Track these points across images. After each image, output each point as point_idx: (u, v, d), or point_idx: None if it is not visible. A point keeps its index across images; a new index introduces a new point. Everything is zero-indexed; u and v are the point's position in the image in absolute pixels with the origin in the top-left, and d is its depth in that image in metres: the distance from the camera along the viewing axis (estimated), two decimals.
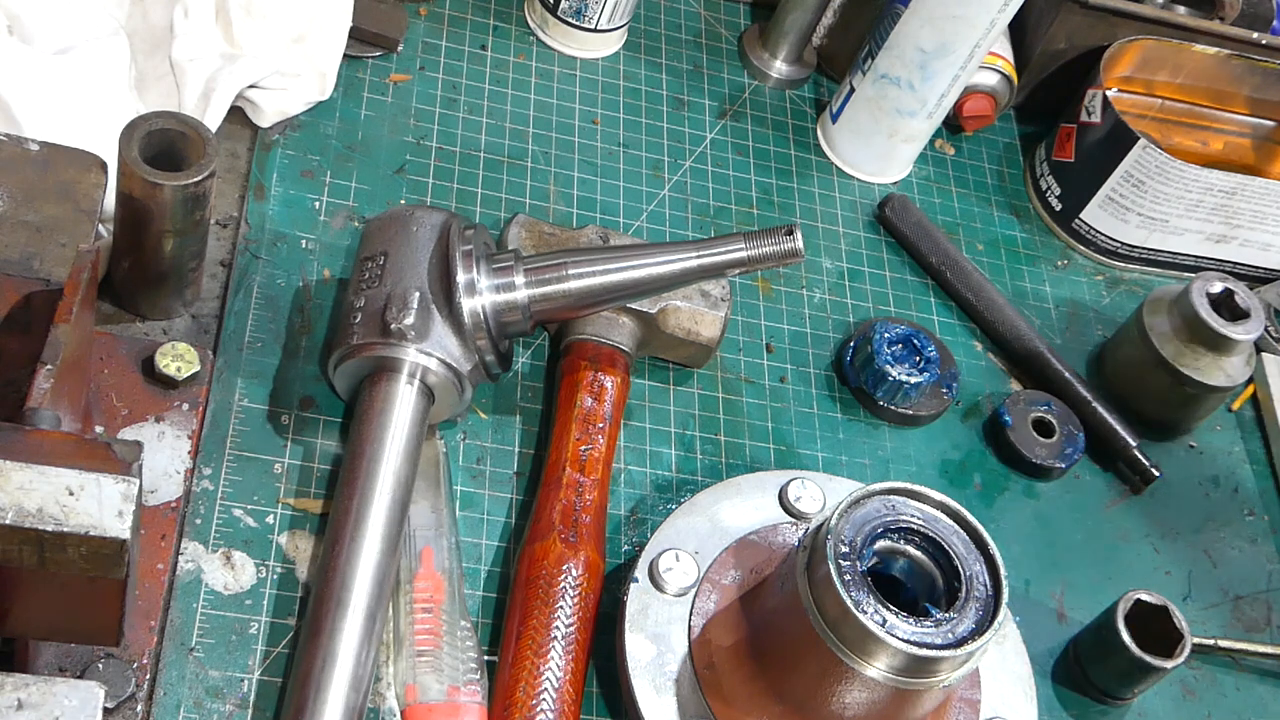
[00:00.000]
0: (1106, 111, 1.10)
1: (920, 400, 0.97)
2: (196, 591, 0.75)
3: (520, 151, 1.04)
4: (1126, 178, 1.10)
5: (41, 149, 0.77)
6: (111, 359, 0.79)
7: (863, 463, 0.95)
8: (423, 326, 0.79)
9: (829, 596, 0.69)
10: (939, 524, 0.73)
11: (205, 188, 0.76)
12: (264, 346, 0.86)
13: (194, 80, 0.90)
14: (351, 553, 0.74)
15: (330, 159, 0.97)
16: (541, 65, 1.10)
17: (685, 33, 1.18)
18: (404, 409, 0.79)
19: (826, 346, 1.01)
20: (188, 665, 0.73)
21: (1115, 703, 0.88)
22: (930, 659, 0.68)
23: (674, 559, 0.80)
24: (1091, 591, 0.93)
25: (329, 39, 0.97)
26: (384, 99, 1.02)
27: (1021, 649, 0.84)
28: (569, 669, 0.75)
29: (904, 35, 1.04)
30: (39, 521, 0.51)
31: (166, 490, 0.76)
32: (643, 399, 0.93)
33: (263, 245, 0.90)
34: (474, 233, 0.82)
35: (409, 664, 0.75)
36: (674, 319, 0.90)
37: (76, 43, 0.86)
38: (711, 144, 1.11)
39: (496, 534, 0.84)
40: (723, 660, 0.76)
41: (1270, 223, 1.13)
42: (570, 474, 0.83)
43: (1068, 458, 0.98)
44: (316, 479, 0.82)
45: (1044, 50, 1.17)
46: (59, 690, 0.52)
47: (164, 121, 0.76)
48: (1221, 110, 1.23)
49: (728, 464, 0.92)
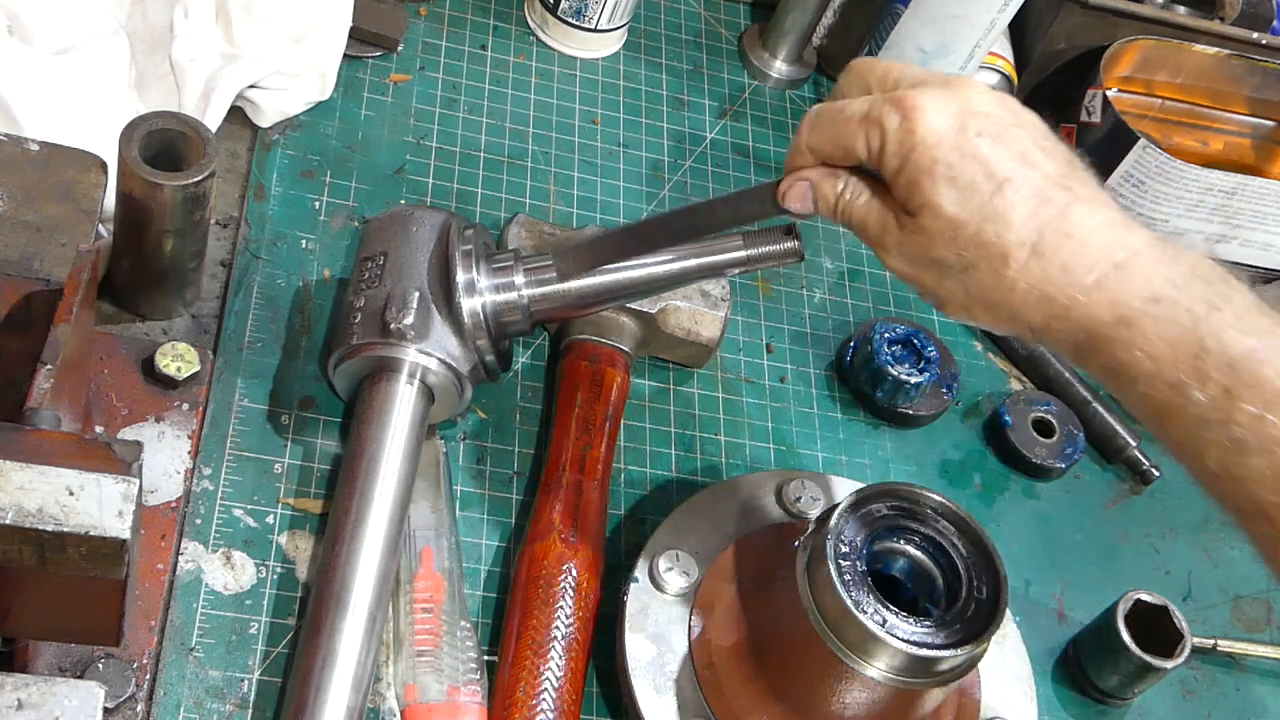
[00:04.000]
0: (1106, 111, 1.10)
1: (920, 400, 0.97)
2: (196, 591, 0.75)
3: (520, 151, 1.04)
4: (1126, 178, 1.10)
5: (41, 149, 0.77)
6: (111, 359, 0.79)
7: (863, 463, 0.95)
8: (422, 326, 0.79)
9: (829, 596, 0.69)
10: (939, 524, 0.73)
11: (205, 188, 0.76)
12: (264, 346, 0.86)
13: (194, 80, 0.90)
14: (351, 553, 0.74)
15: (330, 159, 0.97)
16: (541, 65, 1.10)
17: (685, 33, 1.18)
18: (404, 409, 0.79)
19: (826, 346, 1.01)
20: (188, 665, 0.73)
21: (1115, 703, 0.88)
22: (930, 659, 0.68)
23: (674, 559, 0.80)
24: (1091, 591, 0.93)
25: (329, 39, 0.97)
26: (384, 99, 1.02)
27: (1021, 649, 0.84)
28: (569, 669, 0.75)
29: (904, 35, 1.04)
30: (39, 521, 0.51)
31: (166, 490, 0.76)
32: (643, 399, 0.93)
33: (263, 245, 0.90)
34: (474, 233, 0.82)
35: (409, 664, 0.75)
36: (674, 319, 0.90)
37: (76, 43, 0.86)
38: (711, 144, 1.11)
39: (496, 534, 0.84)
40: (723, 660, 0.76)
41: (1270, 223, 1.13)
42: (570, 474, 0.83)
43: (1068, 458, 0.98)
44: (316, 479, 0.82)
45: (1044, 50, 1.17)
46: (59, 690, 0.52)
47: (164, 121, 0.76)
48: (1221, 110, 1.23)
49: (728, 464, 0.92)
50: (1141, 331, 0.60)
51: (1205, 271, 0.61)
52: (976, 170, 0.62)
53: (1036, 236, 0.61)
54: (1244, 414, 0.57)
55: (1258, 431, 0.57)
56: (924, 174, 0.63)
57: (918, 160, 0.63)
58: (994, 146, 0.63)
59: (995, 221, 0.62)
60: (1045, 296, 0.62)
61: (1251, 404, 0.57)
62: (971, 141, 0.63)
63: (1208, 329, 0.58)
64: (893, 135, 0.64)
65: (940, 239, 0.64)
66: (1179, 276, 0.60)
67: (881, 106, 0.65)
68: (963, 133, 0.63)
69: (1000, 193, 0.62)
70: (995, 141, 0.63)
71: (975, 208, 0.62)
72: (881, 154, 0.65)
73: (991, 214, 0.62)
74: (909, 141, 0.63)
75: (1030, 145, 0.64)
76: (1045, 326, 0.63)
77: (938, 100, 0.64)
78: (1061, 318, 0.62)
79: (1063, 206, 0.62)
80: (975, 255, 0.63)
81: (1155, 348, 0.59)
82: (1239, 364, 0.57)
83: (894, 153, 0.64)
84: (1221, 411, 0.57)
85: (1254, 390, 0.57)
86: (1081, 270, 0.61)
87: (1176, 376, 0.59)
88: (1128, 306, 0.60)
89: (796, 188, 0.69)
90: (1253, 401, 0.57)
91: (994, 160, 0.62)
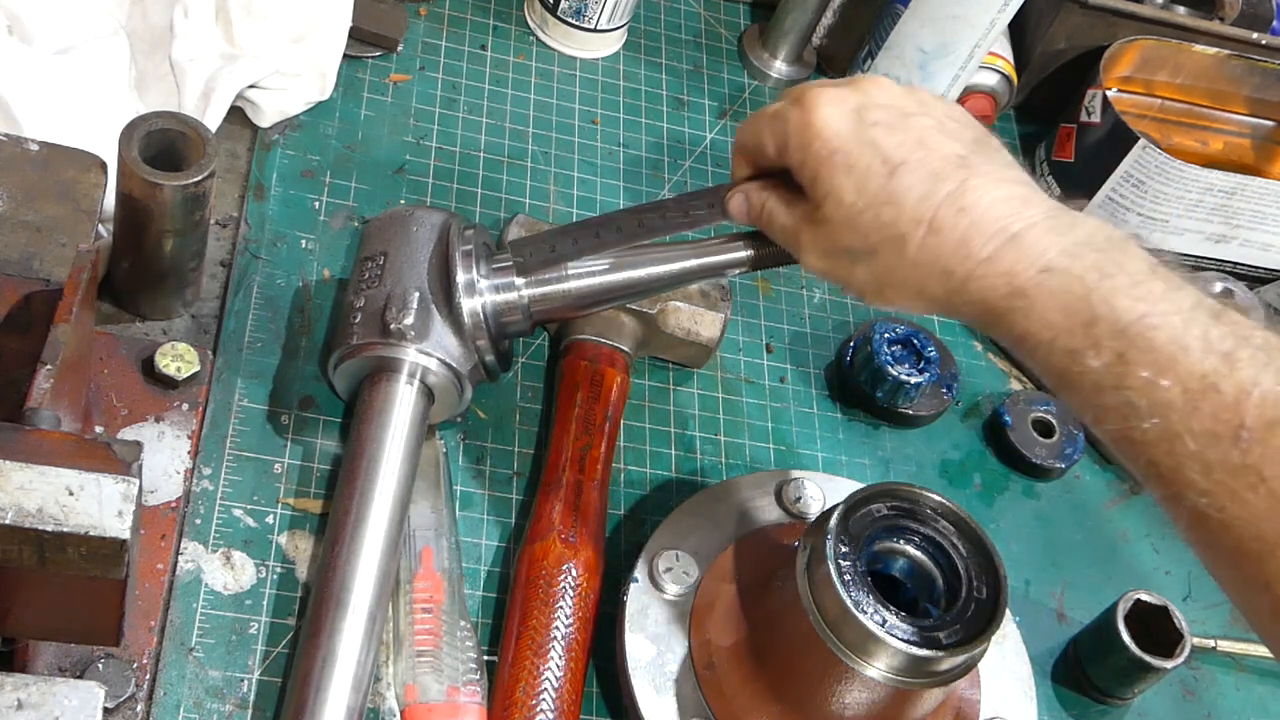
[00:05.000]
0: (1106, 111, 1.10)
1: (920, 400, 0.97)
2: (196, 591, 0.75)
3: (520, 151, 1.04)
4: (1126, 178, 1.10)
5: (41, 149, 0.77)
6: (111, 359, 0.79)
7: (863, 463, 0.95)
8: (422, 326, 0.79)
9: (829, 596, 0.69)
10: (939, 524, 0.73)
11: (205, 188, 0.76)
12: (264, 346, 0.86)
13: (194, 80, 0.90)
14: (351, 553, 0.74)
15: (330, 159, 0.97)
16: (541, 65, 1.10)
17: (685, 33, 1.18)
18: (404, 409, 0.79)
19: (826, 346, 1.01)
20: (188, 665, 0.73)
21: (1115, 703, 0.88)
22: (930, 659, 0.68)
23: (674, 559, 0.80)
24: (1091, 591, 0.93)
25: (329, 39, 0.97)
26: (384, 99, 1.02)
27: (1021, 649, 0.84)
28: (569, 669, 0.75)
29: (904, 35, 1.04)
30: (39, 521, 0.51)
31: (166, 490, 0.76)
32: (643, 399, 0.93)
33: (263, 245, 0.90)
34: (474, 233, 0.82)
35: (409, 664, 0.75)
36: (674, 319, 0.90)
37: (76, 43, 0.86)
38: (711, 144, 1.11)
39: (496, 534, 0.84)
40: (723, 660, 0.76)
41: (1270, 223, 1.13)
42: (570, 474, 0.83)
43: (1068, 458, 0.98)
44: (316, 479, 0.82)
45: (1044, 50, 1.17)
46: (59, 690, 0.52)
47: (164, 121, 0.76)
48: (1221, 110, 1.23)
49: (728, 464, 0.92)
50: (1036, 301, 0.61)
51: (1100, 240, 0.62)
52: (873, 157, 0.65)
53: (932, 215, 0.63)
54: (1136, 379, 0.58)
55: (1150, 396, 0.58)
56: (823, 164, 0.66)
57: (818, 151, 0.66)
58: (889, 134, 0.65)
59: (892, 204, 0.64)
60: (945, 271, 0.64)
61: (1143, 369, 0.58)
62: (868, 131, 0.66)
63: (1099, 296, 0.59)
64: (794, 130, 0.67)
65: (844, 227, 0.66)
66: (1072, 245, 0.61)
67: (786, 105, 0.69)
68: (860, 124, 0.66)
69: (895, 176, 0.64)
70: (891, 129, 0.66)
71: (873, 193, 0.65)
72: (786, 149, 0.68)
73: (888, 197, 0.64)
74: (808, 135, 0.67)
75: (931, 130, 0.66)
76: (949, 301, 0.65)
77: (835, 95, 0.67)
78: (961, 291, 0.64)
79: (959, 184, 0.63)
80: (877, 238, 0.65)
81: (1050, 316, 0.61)
82: (1130, 330, 0.58)
83: (796, 146, 0.68)
84: (1116, 377, 0.59)
85: (1145, 355, 0.58)
86: (977, 244, 0.63)
87: (1072, 344, 0.60)
88: (1022, 277, 0.62)
89: (734, 198, 0.74)
90: (1144, 366, 0.58)
91: (888, 146, 0.65)
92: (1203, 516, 0.57)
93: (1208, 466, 0.56)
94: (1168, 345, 0.58)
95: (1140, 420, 0.58)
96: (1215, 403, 0.56)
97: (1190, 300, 0.59)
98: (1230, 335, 0.58)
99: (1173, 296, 0.59)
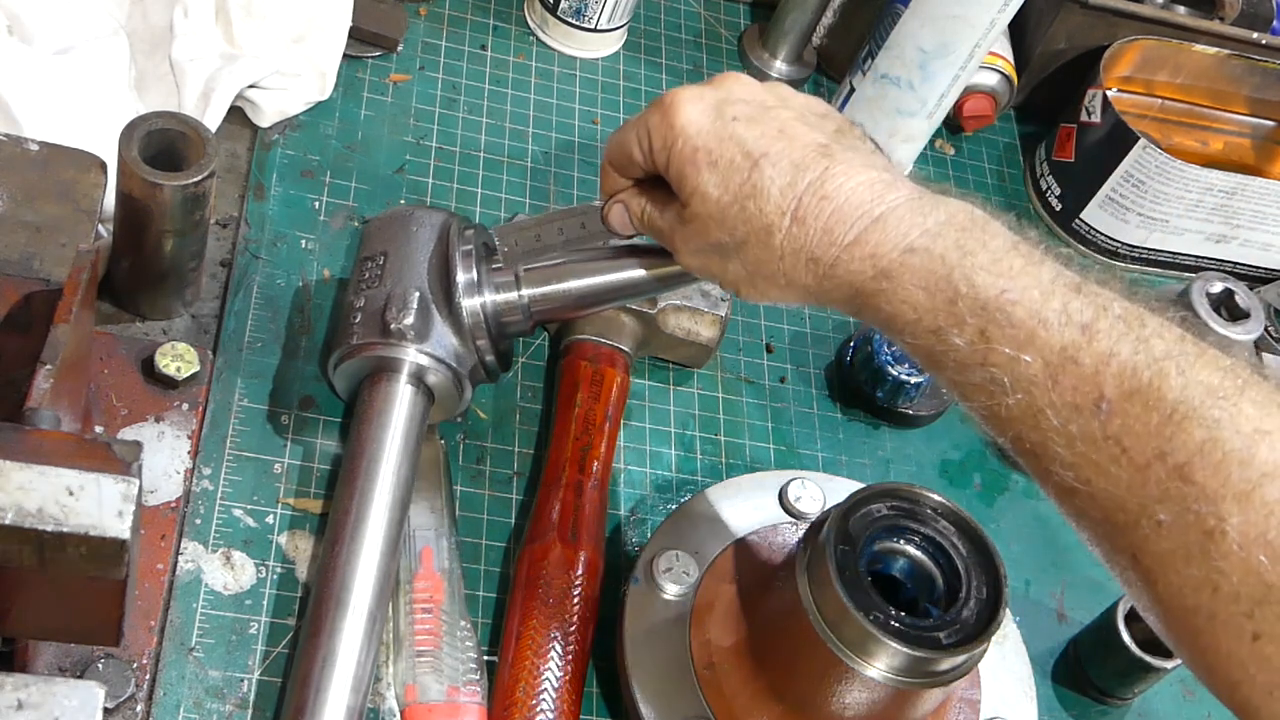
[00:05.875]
0: (1106, 111, 1.10)
1: (920, 400, 0.97)
2: (196, 591, 0.75)
3: (520, 151, 1.04)
4: (1126, 178, 1.10)
5: (41, 149, 0.77)
6: (111, 359, 0.79)
7: (863, 463, 0.95)
8: (423, 326, 0.79)
9: (829, 596, 0.69)
10: (939, 524, 0.73)
11: (205, 188, 0.76)
12: (264, 346, 0.86)
13: (194, 80, 0.90)
14: (351, 553, 0.74)
15: (330, 159, 0.97)
16: (541, 65, 1.10)
17: (685, 33, 1.18)
18: (404, 409, 0.79)
19: (826, 346, 1.01)
20: (188, 665, 0.73)
21: (1115, 703, 0.88)
22: (930, 659, 0.68)
23: (674, 559, 0.80)
24: (1091, 591, 0.93)
25: (329, 39, 0.97)
26: (384, 99, 1.02)
27: (1021, 649, 0.84)
28: (569, 669, 0.75)
29: (904, 35, 1.04)
30: (39, 521, 0.51)
31: (166, 490, 0.76)
32: (643, 399, 0.93)
33: (263, 245, 0.90)
34: (474, 233, 0.82)
35: (409, 664, 0.75)
36: (674, 319, 0.90)
37: (76, 43, 0.86)
38: None
39: (496, 534, 0.84)
40: (723, 660, 0.76)
41: (1270, 223, 1.13)
42: (570, 474, 0.83)
43: None
44: (316, 479, 0.82)
45: (1044, 50, 1.17)
46: (59, 690, 0.52)
47: (164, 121, 0.76)
48: (1221, 110, 1.23)
49: (728, 464, 0.92)
50: (900, 282, 0.61)
51: (963, 219, 0.62)
52: (735, 151, 0.65)
53: (795, 204, 0.64)
54: (999, 355, 0.58)
55: (1013, 372, 0.58)
56: (687, 162, 0.66)
57: (680, 150, 0.67)
58: (750, 127, 0.66)
59: (755, 196, 0.65)
60: (811, 259, 0.64)
61: (1005, 345, 0.58)
62: (728, 126, 0.66)
63: (960, 274, 0.60)
64: (656, 132, 0.68)
65: (712, 222, 0.66)
66: (935, 225, 0.62)
67: (648, 110, 0.69)
68: (720, 119, 0.66)
69: (757, 168, 0.65)
70: (751, 122, 0.66)
71: (737, 186, 0.65)
72: (652, 152, 0.69)
73: (752, 190, 0.65)
74: (670, 135, 0.67)
75: (792, 122, 0.66)
76: (819, 288, 0.65)
77: (695, 94, 0.68)
78: (829, 277, 0.64)
79: (821, 172, 0.64)
80: (744, 231, 0.65)
81: (914, 296, 0.61)
82: (990, 306, 0.59)
83: (660, 148, 0.68)
84: (979, 354, 0.59)
85: (1006, 331, 0.58)
86: (840, 230, 0.63)
87: (936, 323, 0.60)
88: (886, 259, 0.62)
89: (614, 210, 0.74)
90: (1006, 343, 0.58)
91: (749, 139, 0.65)
92: (1071, 490, 0.57)
93: (1071, 440, 0.56)
94: (1027, 320, 0.58)
95: (1005, 396, 0.58)
96: (1075, 375, 0.56)
97: (1050, 274, 0.59)
98: (1090, 306, 0.58)
99: (1032, 271, 0.59)
